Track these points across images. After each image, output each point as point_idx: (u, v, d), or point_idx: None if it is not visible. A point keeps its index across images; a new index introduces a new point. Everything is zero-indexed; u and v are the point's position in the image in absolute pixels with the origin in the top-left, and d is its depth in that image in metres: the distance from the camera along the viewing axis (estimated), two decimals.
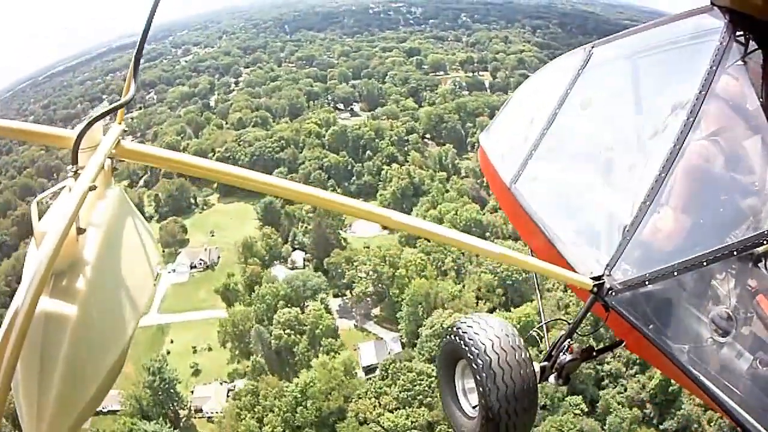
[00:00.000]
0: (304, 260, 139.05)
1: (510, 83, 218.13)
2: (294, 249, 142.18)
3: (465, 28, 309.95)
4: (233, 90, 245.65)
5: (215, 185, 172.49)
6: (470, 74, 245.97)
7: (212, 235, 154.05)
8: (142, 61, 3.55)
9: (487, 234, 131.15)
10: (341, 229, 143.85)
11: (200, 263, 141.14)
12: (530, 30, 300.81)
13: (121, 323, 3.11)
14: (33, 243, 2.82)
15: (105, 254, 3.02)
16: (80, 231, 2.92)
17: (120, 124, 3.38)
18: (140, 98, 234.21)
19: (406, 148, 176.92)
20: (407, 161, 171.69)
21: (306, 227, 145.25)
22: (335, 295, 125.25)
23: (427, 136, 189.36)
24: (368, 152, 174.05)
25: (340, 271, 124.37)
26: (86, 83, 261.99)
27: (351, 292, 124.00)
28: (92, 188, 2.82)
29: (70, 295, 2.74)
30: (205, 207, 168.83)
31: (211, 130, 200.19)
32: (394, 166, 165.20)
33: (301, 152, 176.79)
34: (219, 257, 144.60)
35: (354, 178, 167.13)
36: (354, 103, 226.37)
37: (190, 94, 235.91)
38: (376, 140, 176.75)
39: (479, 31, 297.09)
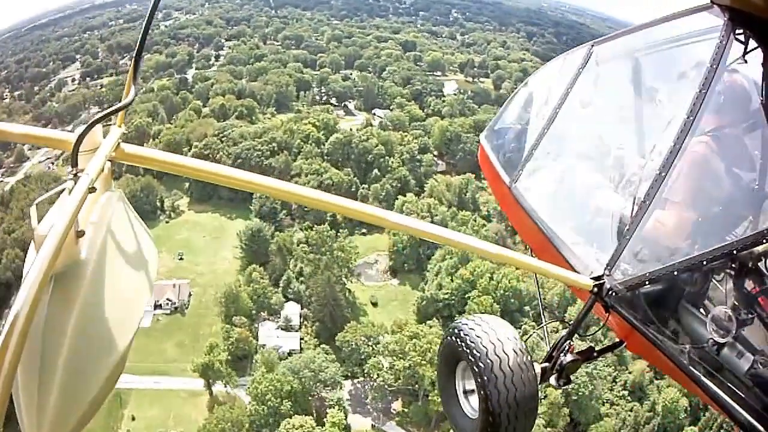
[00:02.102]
0: (301, 318, 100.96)
1: None
2: (287, 299, 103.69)
3: (458, 26, 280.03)
4: (213, 64, 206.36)
5: (186, 186, 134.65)
6: (470, 79, 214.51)
7: (181, 259, 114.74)
8: (135, 59, 3.38)
9: (526, 308, 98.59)
10: (348, 278, 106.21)
11: (167, 303, 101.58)
12: (525, 36, 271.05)
13: (122, 325, 2.91)
14: (33, 245, 2.60)
15: (104, 256, 2.89)
16: (80, 233, 2.78)
17: (120, 126, 3.27)
18: (113, 63, 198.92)
19: (418, 170, 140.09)
20: (422, 189, 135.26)
21: (301, 267, 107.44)
22: (345, 376, 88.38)
23: (435, 152, 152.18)
24: (375, 170, 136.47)
25: (354, 349, 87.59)
26: (63, 39, 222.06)
27: (364, 373, 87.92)
28: (92, 190, 2.72)
29: (70, 297, 2.64)
30: (173, 214, 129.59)
31: (188, 115, 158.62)
32: (410, 196, 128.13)
33: (295, 160, 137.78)
34: (190, 295, 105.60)
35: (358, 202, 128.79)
36: (349, 100, 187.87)
37: (167, 64, 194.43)
38: (386, 157, 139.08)
39: (474, 32, 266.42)
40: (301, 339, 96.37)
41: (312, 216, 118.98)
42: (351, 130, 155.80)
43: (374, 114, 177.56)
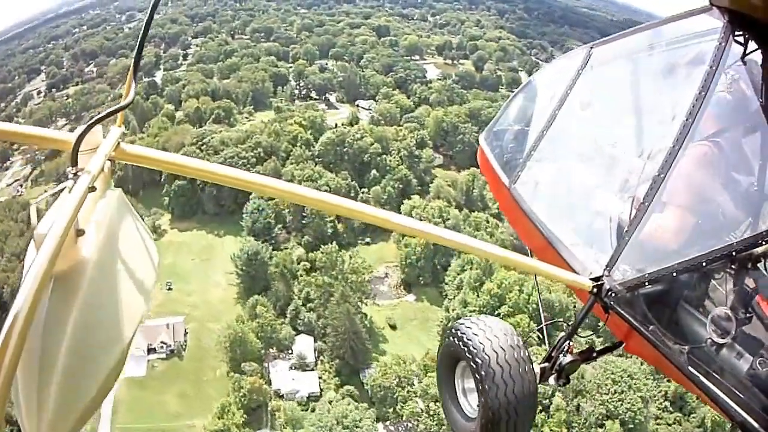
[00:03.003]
0: (317, 353, 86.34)
1: (501, 80, 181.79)
2: (297, 331, 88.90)
3: (428, 7, 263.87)
4: (182, 64, 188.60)
5: (166, 203, 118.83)
6: (449, 61, 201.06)
7: (169, 289, 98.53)
8: (133, 63, 3.21)
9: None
10: (363, 302, 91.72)
11: (161, 347, 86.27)
12: (497, 14, 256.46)
13: (121, 325, 2.81)
14: (32, 245, 2.53)
15: (105, 256, 2.79)
16: (80, 232, 2.68)
17: (120, 126, 3.13)
18: (78, 71, 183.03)
19: (417, 167, 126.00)
20: (424, 187, 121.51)
21: (308, 292, 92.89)
22: (377, 419, 74.51)
23: (430, 143, 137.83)
24: (373, 171, 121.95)
25: (386, 392, 73.73)
26: (28, 52, 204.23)
27: (398, 415, 74.06)
28: (92, 189, 2.64)
29: (70, 297, 2.56)
30: (154, 236, 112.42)
31: (161, 122, 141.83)
32: (416, 199, 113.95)
33: (284, 165, 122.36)
34: (186, 333, 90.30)
35: None
36: (330, 92, 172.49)
37: None
38: (383, 155, 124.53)
39: (446, 12, 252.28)
40: (319, 378, 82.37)
41: (311, 229, 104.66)
42: (337, 125, 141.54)
43: (358, 105, 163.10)
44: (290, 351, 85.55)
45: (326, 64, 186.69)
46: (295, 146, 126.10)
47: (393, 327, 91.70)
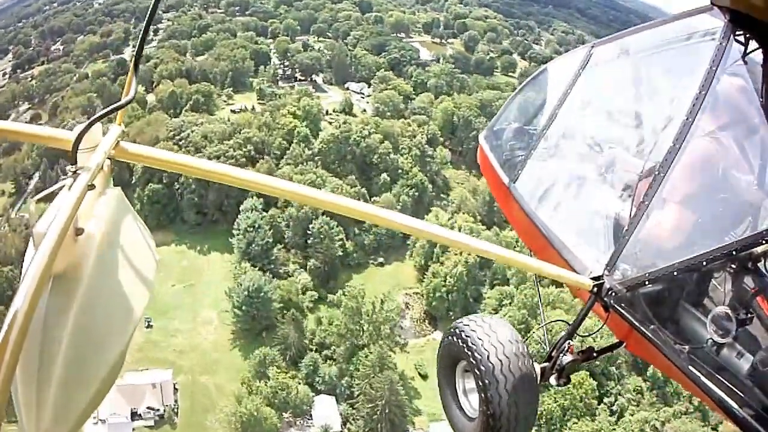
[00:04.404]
0: (343, 418, 67.42)
1: (496, 63, 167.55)
2: (317, 390, 69.61)
3: None
4: (153, 40, 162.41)
5: (137, 209, 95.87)
6: (437, 40, 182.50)
7: (148, 327, 77.34)
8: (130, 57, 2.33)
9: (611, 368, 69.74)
10: (392, 350, 72.87)
11: (148, 413, 66.29)
12: None
13: (121, 323, 2.72)
14: (31, 243, 2.48)
15: (104, 254, 2.71)
16: (79, 231, 2.61)
17: (120, 125, 3.02)
18: (45, 50, 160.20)
19: (429, 167, 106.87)
20: (439, 191, 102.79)
21: (323, 334, 73.96)
22: None
23: (441, 139, 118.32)
24: (384, 175, 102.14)
25: None
26: None
27: None
28: (91, 187, 2.58)
29: (69, 295, 2.50)
30: None
31: (131, 108, 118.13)
32: (437, 211, 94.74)
33: (278, 165, 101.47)
34: (176, 390, 70.36)
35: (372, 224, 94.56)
36: (317, 73, 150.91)
37: (102, 45, 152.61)
38: (391, 154, 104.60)
39: None
40: None
41: (320, 252, 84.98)
42: (328, 112, 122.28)
43: (348, 88, 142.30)
44: (309, 417, 66.52)
45: (308, 40, 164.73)
46: (292, 143, 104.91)
47: (424, 377, 73.38)
